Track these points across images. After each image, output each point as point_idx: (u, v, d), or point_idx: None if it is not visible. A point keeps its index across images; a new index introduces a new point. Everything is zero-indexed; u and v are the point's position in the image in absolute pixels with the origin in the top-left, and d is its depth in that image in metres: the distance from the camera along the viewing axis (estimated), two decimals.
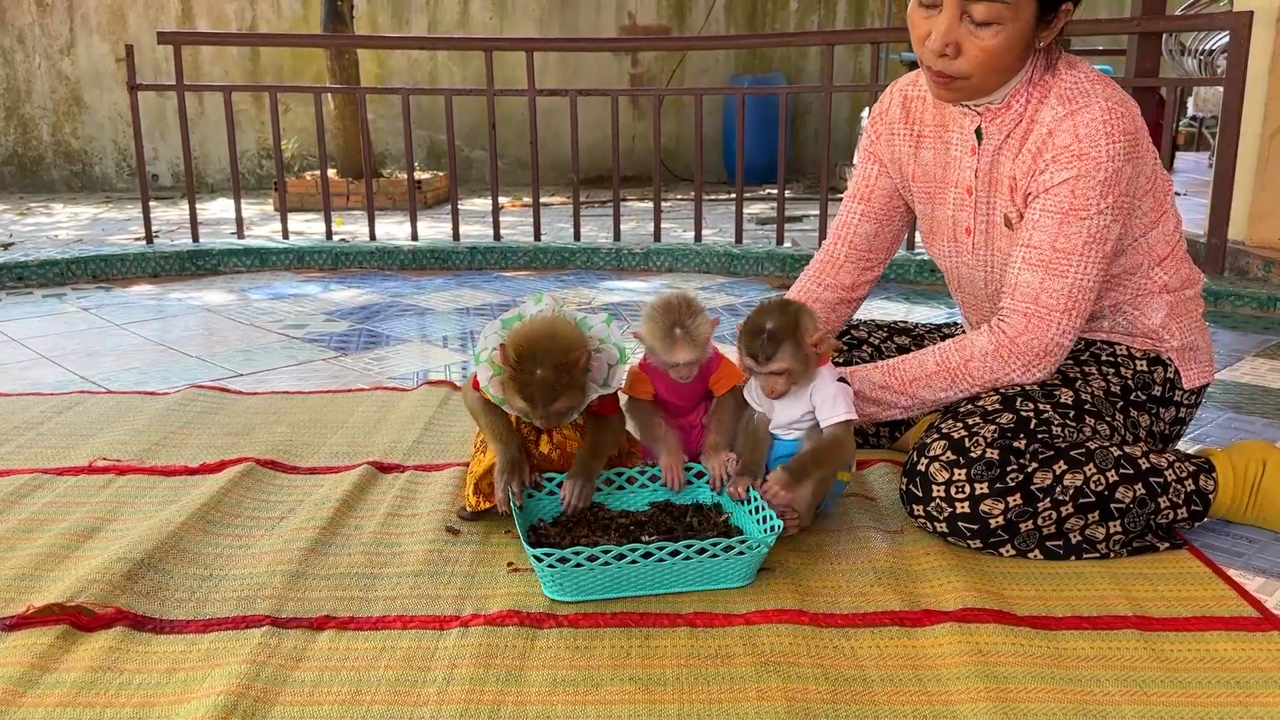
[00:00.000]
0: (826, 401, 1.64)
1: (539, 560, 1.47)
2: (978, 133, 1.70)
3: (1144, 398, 1.77)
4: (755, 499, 1.63)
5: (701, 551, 1.49)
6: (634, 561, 1.47)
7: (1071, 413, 1.69)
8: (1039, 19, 1.56)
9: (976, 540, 1.62)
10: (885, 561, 1.62)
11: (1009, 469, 1.59)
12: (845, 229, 1.93)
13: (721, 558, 1.50)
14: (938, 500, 1.62)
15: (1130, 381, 1.76)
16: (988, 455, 1.60)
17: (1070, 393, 1.71)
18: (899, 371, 1.71)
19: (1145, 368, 1.78)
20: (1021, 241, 1.63)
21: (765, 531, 1.56)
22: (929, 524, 1.65)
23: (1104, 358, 1.77)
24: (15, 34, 7.81)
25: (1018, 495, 1.59)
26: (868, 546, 1.68)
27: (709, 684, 1.30)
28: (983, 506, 1.59)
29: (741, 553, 1.50)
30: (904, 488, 1.68)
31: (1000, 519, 1.59)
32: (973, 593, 1.50)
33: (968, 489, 1.60)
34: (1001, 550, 1.62)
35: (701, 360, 1.68)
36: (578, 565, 1.46)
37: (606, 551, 1.46)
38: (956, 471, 1.60)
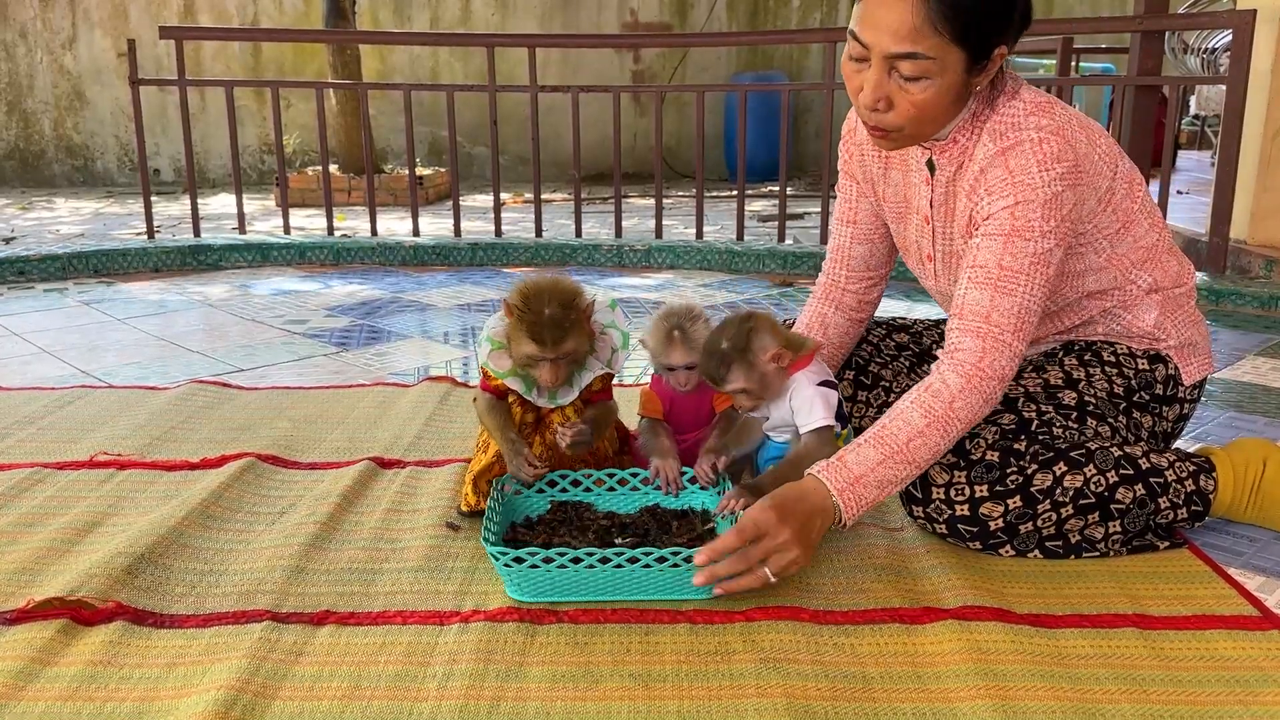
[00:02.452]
0: (803, 408, 1.62)
1: (496, 558, 1.46)
2: (929, 164, 1.69)
3: (1147, 398, 1.76)
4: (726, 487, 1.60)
5: (661, 560, 1.43)
6: (591, 566, 1.45)
7: (1074, 414, 1.69)
8: (971, 66, 1.51)
9: (976, 542, 1.62)
10: (885, 559, 1.62)
11: (1009, 471, 1.59)
12: (840, 253, 1.91)
13: (684, 567, 1.44)
14: (937, 502, 1.62)
15: (1133, 382, 1.76)
16: (988, 457, 1.60)
17: (1074, 394, 1.71)
18: (889, 439, 1.51)
19: (1146, 366, 1.77)
20: (967, 264, 1.59)
21: None
22: (929, 525, 1.65)
23: (1105, 356, 1.77)
24: (17, 28, 7.81)
25: (1017, 498, 1.59)
26: (867, 544, 1.68)
27: (709, 681, 1.30)
28: (982, 509, 1.59)
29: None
30: (904, 488, 1.68)
31: (1000, 521, 1.59)
32: (973, 590, 1.50)
33: (967, 491, 1.59)
34: (1001, 551, 1.62)
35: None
36: (533, 566, 1.45)
37: (563, 554, 1.44)
38: (956, 474, 1.60)
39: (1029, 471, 1.59)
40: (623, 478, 1.75)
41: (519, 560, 1.45)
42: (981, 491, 1.59)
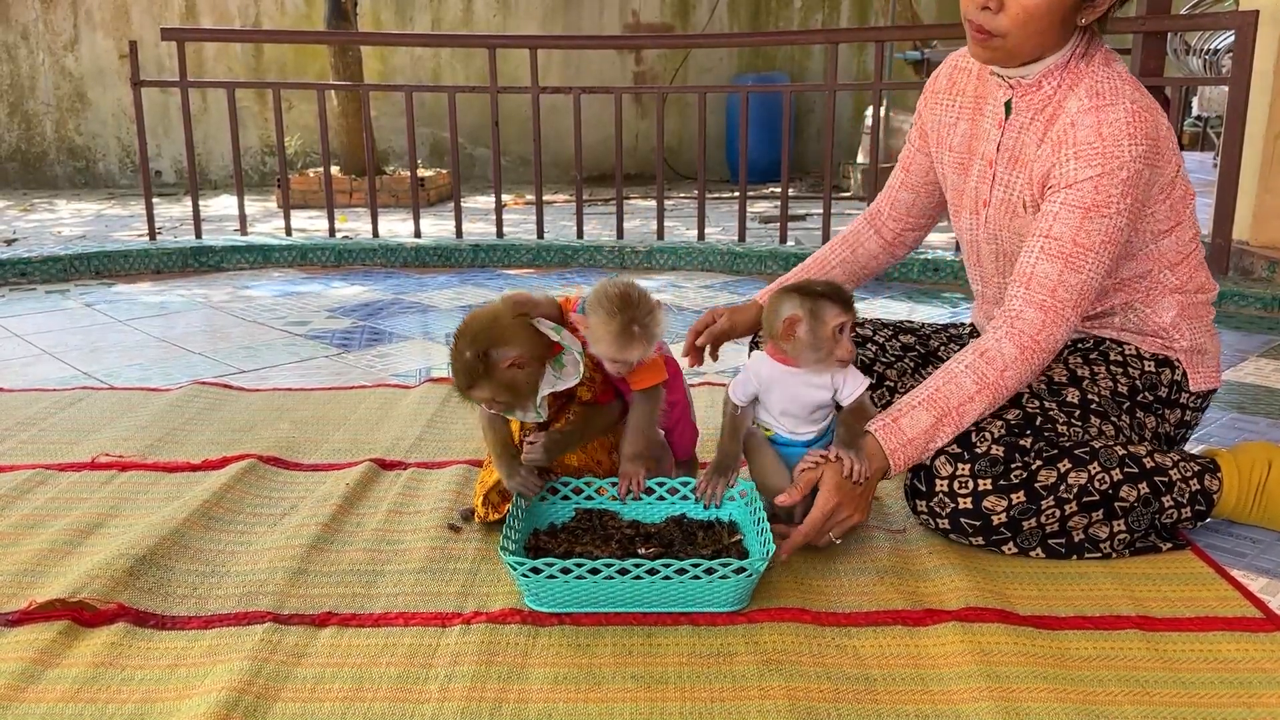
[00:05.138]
0: (849, 379, 1.63)
1: (513, 569, 1.44)
2: (1007, 106, 1.71)
3: (1151, 399, 1.76)
4: (761, 517, 1.56)
5: (681, 572, 1.41)
6: (609, 577, 1.43)
7: (1077, 411, 1.69)
8: None
9: (978, 537, 1.62)
10: (888, 560, 1.62)
11: (1013, 466, 1.59)
12: (890, 190, 2.02)
13: (704, 580, 1.42)
14: (940, 495, 1.62)
15: (1138, 382, 1.76)
16: (993, 452, 1.60)
17: (1077, 391, 1.71)
18: (942, 400, 1.61)
19: (1153, 368, 1.77)
20: (1040, 232, 1.62)
21: (762, 556, 1.47)
22: (931, 520, 1.65)
23: (1113, 356, 1.77)
24: (19, 30, 7.82)
25: (1021, 493, 1.59)
26: (870, 545, 1.68)
27: (711, 682, 1.30)
28: (985, 503, 1.59)
29: (724, 577, 1.42)
30: (908, 482, 1.68)
31: (1003, 516, 1.59)
32: (976, 592, 1.49)
33: (971, 485, 1.60)
34: (1003, 548, 1.62)
35: (647, 357, 1.60)
36: (550, 577, 1.43)
37: (580, 564, 1.42)
38: (960, 466, 1.60)
39: (1033, 467, 1.59)
40: (649, 486, 1.70)
41: (536, 571, 1.43)
42: (985, 485, 1.59)
